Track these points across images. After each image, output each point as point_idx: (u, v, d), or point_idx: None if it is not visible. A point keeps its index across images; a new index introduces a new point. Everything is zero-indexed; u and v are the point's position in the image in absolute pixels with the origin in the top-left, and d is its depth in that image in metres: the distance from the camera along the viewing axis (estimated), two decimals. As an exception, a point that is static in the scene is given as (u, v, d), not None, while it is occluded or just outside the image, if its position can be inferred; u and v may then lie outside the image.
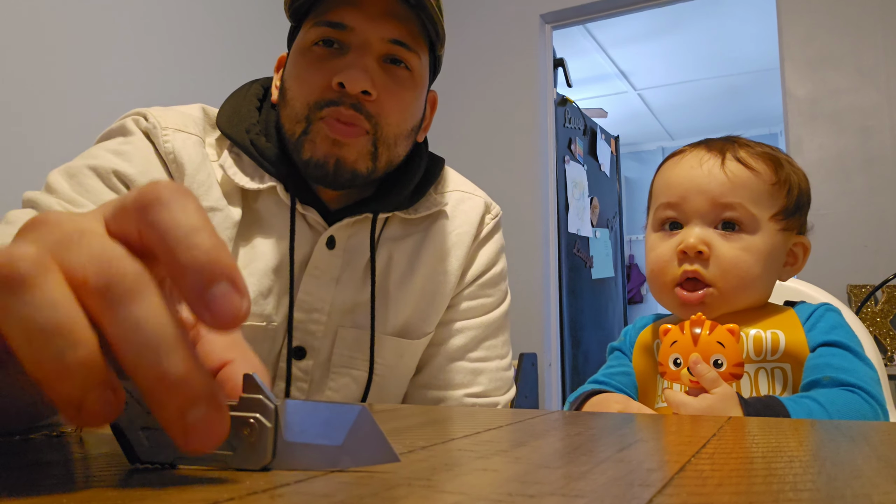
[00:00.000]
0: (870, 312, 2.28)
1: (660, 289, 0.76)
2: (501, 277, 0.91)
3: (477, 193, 0.91)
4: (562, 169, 3.16)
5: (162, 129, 0.75)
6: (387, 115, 0.75)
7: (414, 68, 0.77)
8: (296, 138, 0.75)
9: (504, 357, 0.90)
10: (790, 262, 0.78)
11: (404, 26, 0.75)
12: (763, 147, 0.77)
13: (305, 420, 0.27)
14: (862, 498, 0.22)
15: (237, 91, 0.84)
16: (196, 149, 0.76)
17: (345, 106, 0.72)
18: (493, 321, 0.89)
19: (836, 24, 2.50)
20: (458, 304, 0.87)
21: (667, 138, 5.84)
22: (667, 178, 0.79)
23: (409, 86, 0.77)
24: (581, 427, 0.42)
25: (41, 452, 0.31)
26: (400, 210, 0.82)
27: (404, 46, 0.75)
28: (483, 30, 3.10)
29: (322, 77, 0.73)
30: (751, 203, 0.73)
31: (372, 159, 0.75)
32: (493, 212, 0.92)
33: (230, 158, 0.77)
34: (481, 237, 0.89)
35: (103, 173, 0.71)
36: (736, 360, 0.63)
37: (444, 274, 0.84)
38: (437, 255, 0.84)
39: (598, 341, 3.36)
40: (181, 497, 0.22)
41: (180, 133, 0.76)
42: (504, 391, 0.88)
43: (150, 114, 0.76)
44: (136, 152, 0.73)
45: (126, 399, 0.28)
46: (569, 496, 0.22)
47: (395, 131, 0.77)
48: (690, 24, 3.87)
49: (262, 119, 0.81)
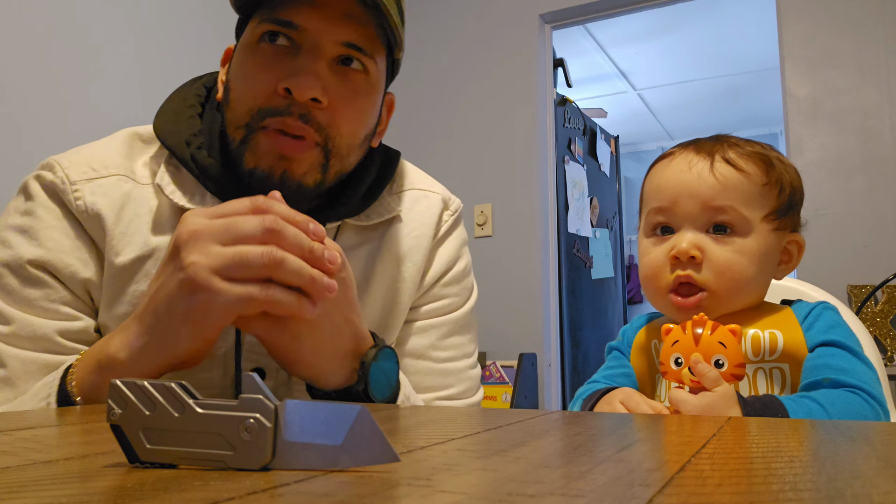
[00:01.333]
0: (870, 312, 2.28)
1: (654, 294, 0.76)
2: (465, 274, 0.87)
3: (434, 189, 0.86)
4: (561, 169, 3.15)
5: (71, 184, 0.70)
6: (339, 124, 0.70)
7: (370, 73, 0.72)
8: (236, 145, 0.70)
9: (471, 355, 0.86)
10: (785, 261, 0.78)
11: (360, 28, 0.69)
12: (753, 146, 0.77)
13: (305, 420, 0.27)
14: (862, 498, 0.22)
15: (175, 93, 0.78)
16: (116, 190, 0.71)
17: (292, 116, 0.67)
18: (459, 318, 0.85)
19: (836, 24, 2.50)
20: (420, 307, 0.83)
21: (667, 138, 5.84)
22: (657, 182, 0.78)
23: (363, 92, 0.72)
24: (581, 427, 0.42)
25: (42, 451, 0.31)
26: (350, 217, 0.77)
27: (359, 50, 0.70)
28: (483, 30, 3.10)
29: (268, 81, 0.68)
30: (742, 205, 0.73)
31: (322, 171, 0.70)
32: (452, 207, 0.87)
33: (167, 175, 0.72)
34: (439, 236, 0.84)
35: (17, 268, 0.67)
36: (737, 360, 0.63)
37: (403, 281, 0.80)
38: (394, 261, 0.80)
39: (597, 341, 3.36)
40: (181, 497, 0.22)
41: (93, 182, 0.71)
42: (473, 392, 0.85)
43: (57, 166, 0.71)
44: (40, 226, 0.69)
45: (127, 399, 0.28)
46: (569, 496, 0.22)
47: (348, 141, 0.72)
48: (690, 24, 3.87)
49: (205, 124, 0.75)
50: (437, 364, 0.82)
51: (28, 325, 0.66)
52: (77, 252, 0.70)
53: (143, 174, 0.74)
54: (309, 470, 0.27)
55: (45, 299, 0.67)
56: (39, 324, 0.66)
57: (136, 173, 0.74)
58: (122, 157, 0.74)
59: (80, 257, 0.70)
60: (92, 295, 0.71)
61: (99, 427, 0.41)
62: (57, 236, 0.69)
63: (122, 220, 0.70)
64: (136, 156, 0.75)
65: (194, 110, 0.75)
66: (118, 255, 0.70)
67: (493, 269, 2.85)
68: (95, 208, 0.70)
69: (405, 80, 3.20)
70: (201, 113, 0.76)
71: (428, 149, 3.03)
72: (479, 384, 0.88)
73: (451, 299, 0.85)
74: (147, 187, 0.73)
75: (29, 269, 0.67)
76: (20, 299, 0.67)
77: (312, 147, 0.69)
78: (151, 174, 0.74)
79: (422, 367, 0.82)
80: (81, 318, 0.69)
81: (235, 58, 0.73)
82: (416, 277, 0.81)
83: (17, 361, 0.65)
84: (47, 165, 0.72)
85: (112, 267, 0.70)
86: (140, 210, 0.71)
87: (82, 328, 0.69)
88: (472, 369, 0.86)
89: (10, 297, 0.67)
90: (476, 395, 0.86)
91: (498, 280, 2.83)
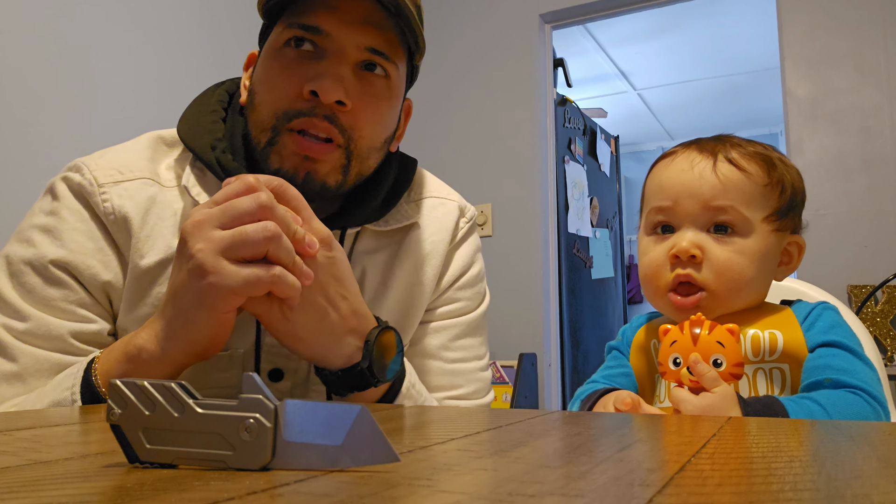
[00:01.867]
0: (870, 312, 2.28)
1: (653, 293, 0.76)
2: (478, 279, 0.89)
3: (451, 197, 0.89)
4: (561, 169, 3.15)
5: (99, 186, 0.71)
6: (361, 127, 0.71)
7: (391, 78, 0.74)
8: (262, 147, 0.71)
9: (482, 358, 0.88)
10: (785, 262, 0.78)
11: (382, 34, 0.71)
12: (755, 146, 0.77)
13: (305, 420, 0.27)
14: (862, 498, 0.22)
15: (199, 98, 0.80)
16: (142, 193, 0.72)
17: (318, 117, 0.69)
18: (471, 321, 0.87)
19: (836, 24, 2.50)
20: (435, 309, 0.85)
21: (667, 138, 5.84)
22: (658, 181, 0.78)
23: (384, 96, 0.74)
24: (581, 427, 0.42)
25: (42, 451, 0.31)
26: (369, 223, 0.78)
27: (382, 55, 0.72)
28: (483, 30, 3.10)
29: (293, 84, 0.69)
30: (743, 205, 0.73)
31: (343, 173, 0.72)
32: (468, 215, 0.89)
33: (193, 176, 0.74)
34: (456, 241, 0.86)
35: (40, 268, 0.68)
36: (736, 359, 0.63)
37: (420, 285, 0.81)
38: (412, 266, 0.81)
39: (597, 341, 3.36)
40: (181, 497, 0.22)
41: (119, 185, 0.72)
42: (483, 394, 0.86)
43: (85, 168, 0.72)
44: (64, 227, 0.70)
45: (127, 399, 0.28)
46: (569, 496, 0.22)
47: (369, 144, 0.73)
48: (690, 24, 3.87)
49: (227, 129, 0.77)
50: (448, 364, 0.84)
51: (44, 324, 0.67)
52: (99, 255, 0.71)
53: (168, 177, 0.75)
54: (309, 470, 0.27)
55: (64, 300, 0.68)
56: (55, 324, 0.67)
57: (161, 176, 0.75)
58: (146, 160, 0.75)
59: (101, 260, 0.70)
60: (111, 298, 0.72)
61: (99, 427, 0.41)
62: (80, 238, 0.70)
63: (147, 223, 0.71)
64: (160, 159, 0.76)
65: (217, 115, 0.77)
66: (143, 258, 0.70)
67: (493, 269, 2.83)
68: (122, 211, 0.71)
69: (405, 80, 3.20)
70: (224, 117, 0.78)
71: (428, 149, 3.03)
72: (489, 387, 0.89)
73: (464, 302, 0.86)
74: (171, 190, 0.74)
75: (51, 269, 0.68)
76: (39, 298, 0.68)
77: (336, 149, 0.71)
78: (176, 177, 0.75)
79: (433, 367, 0.83)
80: (96, 321, 0.70)
81: (260, 62, 0.75)
82: (433, 281, 0.83)
83: (30, 358, 0.66)
84: (75, 167, 0.73)
85: (136, 270, 0.70)
86: (164, 213, 0.72)
87: (96, 331, 0.70)
88: (482, 371, 0.87)
89: (31, 295, 0.68)
90: (486, 397, 0.87)
91: (498, 280, 2.83)
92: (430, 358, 0.83)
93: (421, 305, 0.82)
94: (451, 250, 0.86)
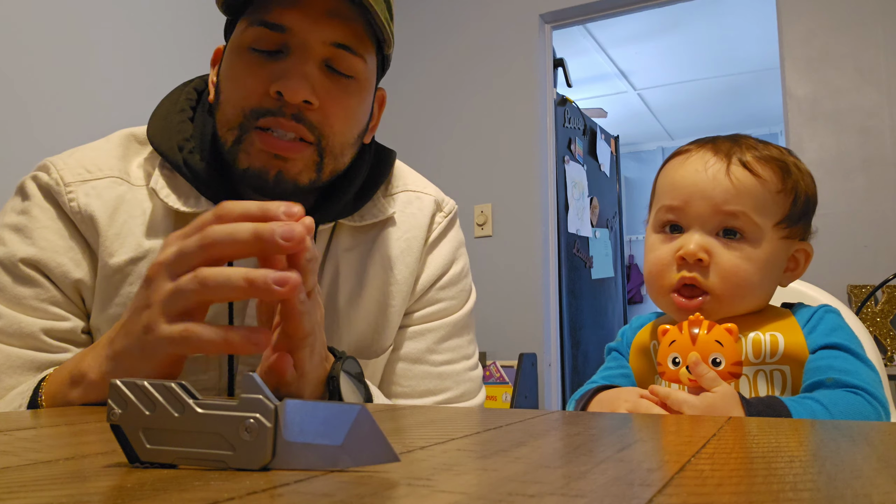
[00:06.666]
0: (870, 312, 2.28)
1: (657, 292, 0.76)
2: (462, 276, 0.86)
3: (427, 191, 0.86)
4: (561, 169, 3.15)
5: (65, 185, 0.70)
6: (331, 124, 0.70)
7: (359, 72, 0.71)
8: (229, 146, 0.70)
9: (470, 357, 0.85)
10: (791, 268, 0.77)
11: (348, 26, 0.69)
12: (770, 150, 0.75)
13: (305, 420, 0.27)
14: (862, 498, 0.22)
15: (167, 97, 0.78)
16: (110, 192, 0.71)
17: (285, 117, 0.67)
18: (457, 321, 0.84)
19: (836, 24, 2.50)
20: (416, 311, 0.82)
21: (666, 138, 5.84)
22: (671, 179, 0.77)
23: (354, 91, 0.71)
24: (581, 427, 0.42)
25: (42, 451, 0.31)
26: (343, 217, 0.76)
27: (348, 50, 0.69)
28: (483, 30, 3.10)
29: (259, 83, 0.68)
30: (754, 212, 0.72)
31: (316, 170, 0.70)
32: (446, 209, 0.86)
33: (162, 178, 0.72)
34: (432, 240, 0.84)
35: (10, 266, 0.68)
36: (734, 358, 0.63)
37: (395, 284, 0.79)
38: (386, 264, 0.79)
39: (597, 341, 3.36)
40: (181, 497, 0.22)
41: (87, 184, 0.71)
42: (474, 395, 0.84)
43: (52, 167, 0.72)
44: (35, 225, 0.69)
45: (127, 399, 0.28)
46: (569, 496, 0.22)
47: (341, 140, 0.72)
48: (690, 24, 3.87)
49: (196, 128, 0.75)
50: (435, 367, 0.81)
51: (16, 322, 0.67)
52: (70, 252, 0.70)
53: (138, 176, 0.74)
54: (309, 470, 0.27)
55: (35, 298, 0.68)
56: (27, 322, 0.67)
57: (131, 175, 0.74)
58: (116, 158, 0.74)
59: (72, 258, 0.70)
60: (83, 296, 0.71)
61: (99, 427, 0.41)
62: (50, 236, 0.70)
63: (115, 222, 0.71)
64: (132, 157, 0.75)
65: (185, 114, 0.75)
66: (112, 257, 0.70)
67: (493, 269, 2.84)
68: (89, 210, 0.70)
69: (405, 80, 3.20)
70: (192, 117, 0.76)
71: (428, 149, 3.03)
72: (480, 385, 0.87)
73: (447, 303, 0.84)
74: (141, 189, 0.73)
75: (21, 267, 0.68)
76: (10, 297, 0.67)
77: (307, 146, 0.69)
78: (146, 176, 0.74)
79: (419, 372, 0.81)
80: (69, 318, 0.70)
81: (225, 59, 0.73)
82: (408, 280, 0.80)
83: (2, 356, 0.66)
84: (43, 167, 0.73)
85: (105, 268, 0.70)
86: (134, 212, 0.72)
87: (69, 328, 0.69)
88: (471, 371, 0.85)
89: (1, 293, 0.67)
90: (476, 398, 0.85)
91: (498, 280, 2.83)
92: (416, 363, 0.81)
93: (398, 305, 0.80)
94: (428, 249, 0.83)
